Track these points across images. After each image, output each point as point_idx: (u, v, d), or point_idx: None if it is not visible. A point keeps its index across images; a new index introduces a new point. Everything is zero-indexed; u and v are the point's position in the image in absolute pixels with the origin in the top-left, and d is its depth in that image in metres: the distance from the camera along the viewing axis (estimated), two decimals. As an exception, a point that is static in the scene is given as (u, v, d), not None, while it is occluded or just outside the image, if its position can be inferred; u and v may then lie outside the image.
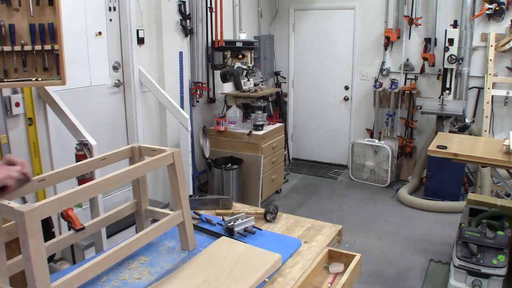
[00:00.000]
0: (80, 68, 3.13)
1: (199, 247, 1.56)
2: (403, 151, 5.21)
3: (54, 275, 1.26)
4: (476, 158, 2.83)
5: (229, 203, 1.97)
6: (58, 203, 1.12)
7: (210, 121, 4.59)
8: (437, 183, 4.49)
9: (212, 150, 4.34)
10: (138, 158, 1.57)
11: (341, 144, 5.71)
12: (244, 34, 4.62)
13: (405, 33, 4.94)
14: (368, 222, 4.11)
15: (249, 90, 4.41)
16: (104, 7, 3.31)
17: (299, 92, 5.90)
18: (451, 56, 4.43)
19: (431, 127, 4.91)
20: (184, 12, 3.97)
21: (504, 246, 2.59)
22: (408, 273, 3.23)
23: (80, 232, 1.42)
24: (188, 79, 4.21)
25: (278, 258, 1.45)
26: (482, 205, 3.04)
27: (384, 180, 5.02)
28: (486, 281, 2.59)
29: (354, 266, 1.48)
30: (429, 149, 3.02)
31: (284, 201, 4.63)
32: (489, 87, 4.47)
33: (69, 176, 1.38)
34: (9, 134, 2.57)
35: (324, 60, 5.62)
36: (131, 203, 1.64)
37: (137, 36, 3.55)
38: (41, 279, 1.05)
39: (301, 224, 1.82)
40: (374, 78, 5.28)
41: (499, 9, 4.40)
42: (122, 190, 3.48)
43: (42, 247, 1.06)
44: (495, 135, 4.68)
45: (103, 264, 1.26)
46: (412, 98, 4.99)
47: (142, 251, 1.49)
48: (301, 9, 5.64)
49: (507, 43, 4.36)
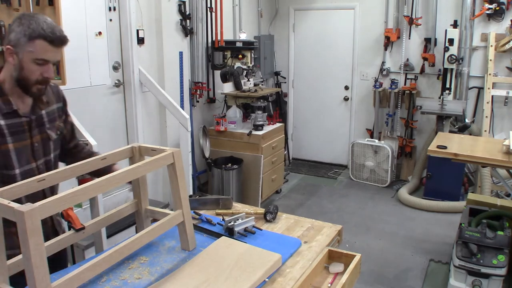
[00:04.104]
0: (80, 68, 3.13)
1: (199, 247, 1.56)
2: (403, 151, 5.21)
3: (54, 275, 1.26)
4: (476, 158, 2.83)
5: (229, 203, 1.97)
6: (58, 203, 1.12)
7: (210, 121, 4.59)
8: (437, 183, 4.49)
9: (212, 150, 4.34)
10: (138, 158, 1.57)
11: (341, 144, 5.71)
12: (244, 34, 4.62)
13: (405, 33, 4.94)
14: (368, 222, 4.11)
15: (249, 90, 4.41)
16: (104, 7, 3.31)
17: (299, 92, 5.90)
18: (451, 56, 4.43)
19: (431, 127, 4.91)
20: (184, 12, 3.97)
21: (504, 246, 2.59)
22: (408, 273, 3.23)
23: (80, 232, 1.42)
24: (188, 79, 4.21)
25: (278, 258, 1.45)
26: (482, 205, 3.04)
27: (384, 180, 5.02)
28: (486, 281, 2.59)
29: (354, 266, 1.48)
30: (429, 149, 3.02)
31: (284, 201, 4.63)
32: (489, 87, 4.47)
33: (69, 176, 1.38)
34: (9, 134, 2.57)
35: (324, 60, 5.62)
36: (131, 203, 1.64)
37: (137, 36, 3.55)
38: (41, 279, 1.05)
39: (301, 224, 1.82)
40: (374, 78, 5.28)
41: (499, 9, 4.40)
42: (122, 190, 3.48)
43: (42, 247, 1.06)
44: (495, 135, 4.68)
45: (103, 264, 1.26)
46: (412, 98, 4.99)
47: (142, 251, 1.49)
48: (301, 9, 5.64)
49: (507, 43, 4.36)
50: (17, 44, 1.37)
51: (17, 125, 1.44)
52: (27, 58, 1.38)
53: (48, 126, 1.55)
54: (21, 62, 1.38)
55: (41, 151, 1.53)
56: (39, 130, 1.52)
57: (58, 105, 1.63)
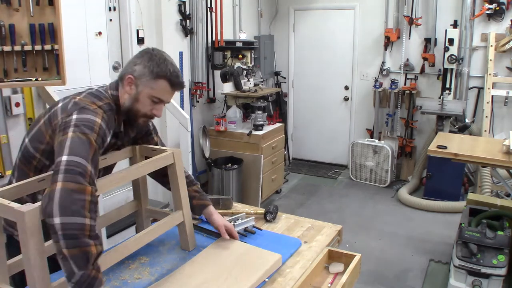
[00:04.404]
0: (80, 68, 3.13)
1: (199, 247, 1.56)
2: (403, 151, 5.21)
3: (54, 275, 1.26)
4: (476, 158, 2.83)
5: (229, 203, 1.97)
6: (58, 203, 1.12)
7: (210, 121, 4.59)
8: (437, 183, 4.49)
9: (212, 150, 4.34)
10: (138, 158, 1.57)
11: (341, 144, 5.70)
12: (244, 34, 4.62)
13: (405, 33, 4.94)
14: (368, 222, 4.11)
15: (249, 90, 4.41)
16: (104, 7, 3.30)
17: (299, 92, 5.90)
18: (451, 56, 4.43)
19: (431, 127, 4.91)
20: (184, 12, 3.97)
21: (504, 246, 2.59)
22: (408, 273, 3.23)
23: (80, 232, 1.42)
24: (188, 79, 4.21)
25: (278, 258, 1.45)
26: (482, 205, 3.04)
27: (384, 180, 5.02)
28: (486, 281, 2.59)
29: (354, 266, 1.48)
30: (429, 149, 3.02)
31: (284, 201, 4.63)
32: (489, 87, 4.47)
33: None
34: (9, 134, 2.57)
35: (324, 60, 5.62)
36: (131, 203, 1.64)
37: (137, 36, 3.54)
38: (41, 279, 1.05)
39: (301, 224, 1.82)
40: (374, 78, 5.27)
41: (499, 9, 4.39)
42: (122, 190, 3.47)
43: (42, 247, 1.06)
44: (495, 135, 4.68)
45: (103, 264, 1.26)
46: (412, 98, 4.99)
47: (142, 251, 1.49)
48: (301, 9, 5.64)
49: (507, 43, 4.36)
50: (141, 77, 1.40)
51: (113, 144, 1.50)
52: (145, 93, 1.41)
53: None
54: (139, 94, 1.41)
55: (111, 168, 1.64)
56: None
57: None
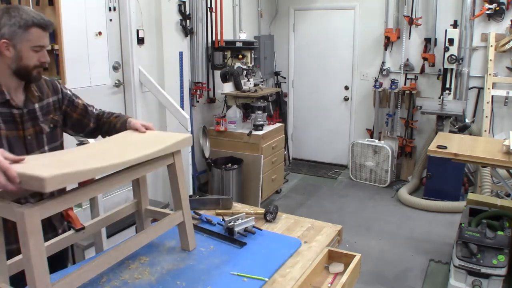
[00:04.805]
0: (80, 68, 3.13)
1: (199, 247, 1.56)
2: (403, 151, 5.21)
3: (54, 275, 1.26)
4: (476, 158, 2.83)
5: (229, 203, 1.97)
6: (58, 203, 1.12)
7: (210, 121, 4.59)
8: (437, 183, 4.49)
9: (212, 150, 4.34)
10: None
11: (341, 144, 5.70)
12: (244, 34, 4.62)
13: (405, 33, 4.94)
14: (368, 222, 4.11)
15: (249, 90, 4.40)
16: (104, 7, 3.31)
17: (299, 92, 5.90)
18: (451, 56, 4.43)
19: (431, 127, 4.91)
20: (184, 12, 3.97)
21: (504, 246, 2.59)
22: (408, 273, 3.23)
23: (80, 232, 1.42)
24: (188, 79, 4.21)
25: (189, 136, 1.49)
26: (482, 205, 3.04)
27: (384, 180, 5.02)
28: (486, 281, 2.59)
29: (354, 266, 1.48)
30: (429, 149, 3.02)
31: (284, 201, 4.63)
32: (489, 87, 4.47)
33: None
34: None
35: (324, 60, 5.62)
36: (131, 203, 1.64)
37: (137, 36, 3.55)
38: (41, 279, 1.05)
39: (301, 224, 1.82)
40: (374, 78, 5.27)
41: (499, 9, 4.39)
42: (122, 190, 3.48)
43: (42, 247, 1.06)
44: (495, 135, 4.68)
45: (103, 264, 1.26)
46: (412, 98, 4.99)
47: (142, 251, 1.49)
48: (301, 9, 5.64)
49: (507, 43, 4.36)
50: (13, 36, 1.40)
51: (9, 115, 1.46)
52: (25, 48, 1.43)
53: (42, 120, 1.56)
54: (20, 52, 1.42)
55: (34, 143, 1.55)
56: (32, 123, 1.53)
57: (54, 98, 1.63)
